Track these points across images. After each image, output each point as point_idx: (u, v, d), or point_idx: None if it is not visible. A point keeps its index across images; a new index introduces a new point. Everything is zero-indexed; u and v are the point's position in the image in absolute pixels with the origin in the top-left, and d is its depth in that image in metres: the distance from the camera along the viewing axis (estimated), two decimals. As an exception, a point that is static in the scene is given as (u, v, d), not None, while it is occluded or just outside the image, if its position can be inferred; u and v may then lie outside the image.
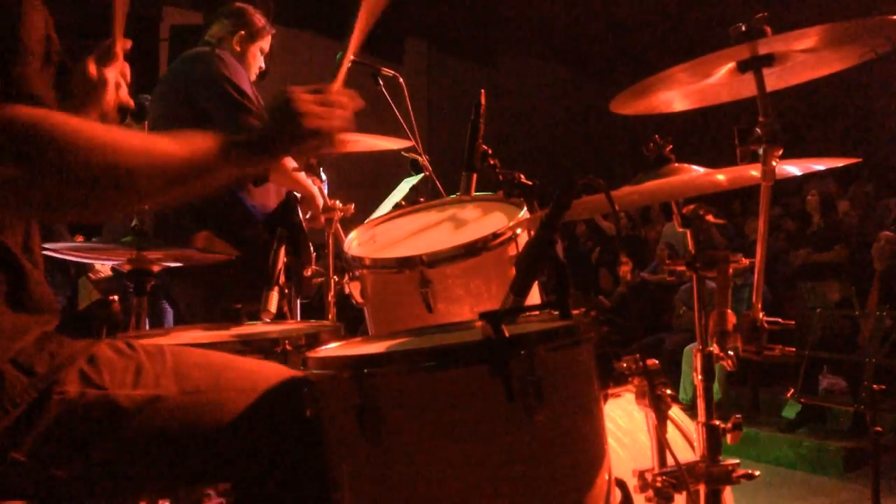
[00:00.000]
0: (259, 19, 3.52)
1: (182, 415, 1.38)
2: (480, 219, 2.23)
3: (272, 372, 1.51)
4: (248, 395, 1.43)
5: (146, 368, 1.39)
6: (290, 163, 3.19)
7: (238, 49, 3.44)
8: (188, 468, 1.41)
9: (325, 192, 2.90)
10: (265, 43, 3.57)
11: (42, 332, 1.34)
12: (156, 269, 2.59)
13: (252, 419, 1.43)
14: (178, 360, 1.44)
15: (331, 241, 2.59)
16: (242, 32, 3.46)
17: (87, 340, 1.42)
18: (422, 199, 2.93)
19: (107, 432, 1.32)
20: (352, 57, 1.62)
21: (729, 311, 1.60)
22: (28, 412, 1.27)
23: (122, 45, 1.62)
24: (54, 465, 1.29)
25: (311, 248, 2.86)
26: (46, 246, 1.97)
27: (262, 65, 3.59)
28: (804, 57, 1.56)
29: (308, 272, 2.58)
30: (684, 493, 1.53)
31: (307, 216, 3.25)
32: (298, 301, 3.12)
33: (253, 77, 3.53)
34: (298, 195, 3.36)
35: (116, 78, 1.62)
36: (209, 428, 1.39)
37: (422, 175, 3.43)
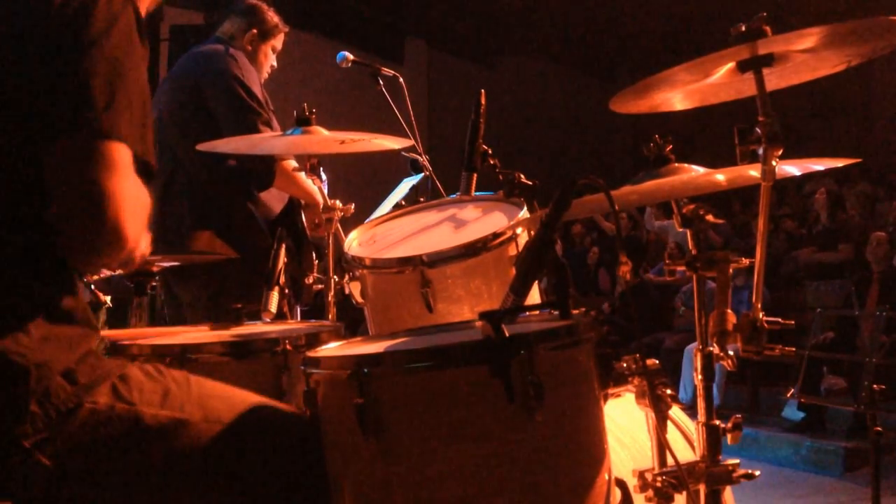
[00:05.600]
0: (272, 17, 3.47)
1: (202, 442, 1.40)
2: (480, 219, 2.23)
3: (289, 419, 1.54)
4: (264, 435, 1.47)
5: (173, 392, 1.42)
6: (291, 164, 3.19)
7: (249, 48, 3.41)
8: (201, 492, 1.43)
9: (326, 191, 2.90)
10: (277, 42, 3.53)
11: (88, 347, 1.38)
12: (155, 269, 2.58)
13: (265, 459, 1.45)
14: (203, 389, 1.47)
15: (331, 241, 2.59)
16: (254, 31, 3.42)
17: (120, 360, 1.47)
18: (422, 199, 2.93)
19: (130, 447, 1.35)
20: None
21: (729, 311, 1.60)
22: (61, 418, 1.29)
23: None
24: (76, 473, 1.31)
25: (314, 257, 2.85)
26: None
27: (274, 63, 3.57)
28: (804, 57, 1.56)
29: (309, 280, 2.58)
30: (684, 493, 1.53)
31: (313, 224, 3.24)
32: (298, 308, 3.12)
33: (264, 77, 3.50)
34: (303, 202, 3.35)
35: None
36: (225, 458, 1.42)
37: (422, 175, 3.43)
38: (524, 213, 2.12)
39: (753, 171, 1.57)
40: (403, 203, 3.23)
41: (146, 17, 1.46)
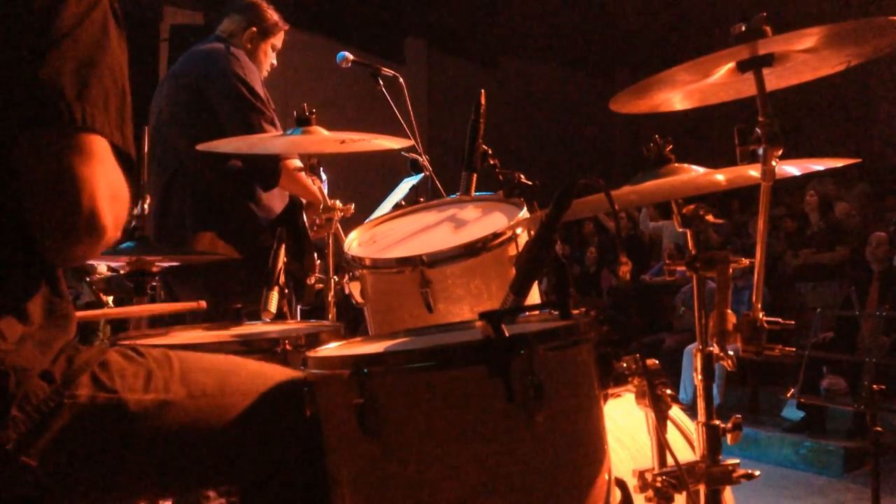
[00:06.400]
0: (271, 15, 3.48)
1: (190, 419, 1.39)
2: (480, 219, 2.23)
3: (275, 375, 1.53)
4: (252, 398, 1.46)
5: (155, 374, 1.41)
6: (295, 163, 3.19)
7: (249, 46, 3.41)
8: (195, 471, 1.43)
9: (326, 191, 2.91)
10: (277, 40, 3.53)
11: (66, 341, 1.37)
12: (155, 269, 2.58)
13: (256, 422, 1.45)
14: (185, 365, 1.46)
15: (331, 242, 2.59)
16: (254, 29, 3.42)
17: (100, 347, 1.45)
18: (422, 199, 2.93)
19: (116, 436, 1.34)
20: None
21: (729, 311, 1.60)
22: (43, 417, 1.28)
23: None
24: (64, 469, 1.30)
25: (316, 256, 2.85)
26: None
27: (274, 61, 3.57)
28: (804, 57, 1.56)
29: (311, 280, 2.58)
30: (684, 493, 1.53)
31: (314, 224, 3.24)
32: (299, 307, 3.12)
33: (264, 74, 3.50)
34: (304, 201, 3.35)
35: None
36: (215, 431, 1.42)
37: (422, 175, 3.43)
38: (524, 213, 2.12)
39: (753, 171, 1.57)
40: (403, 203, 3.23)
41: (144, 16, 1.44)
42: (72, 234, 1.28)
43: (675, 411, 1.85)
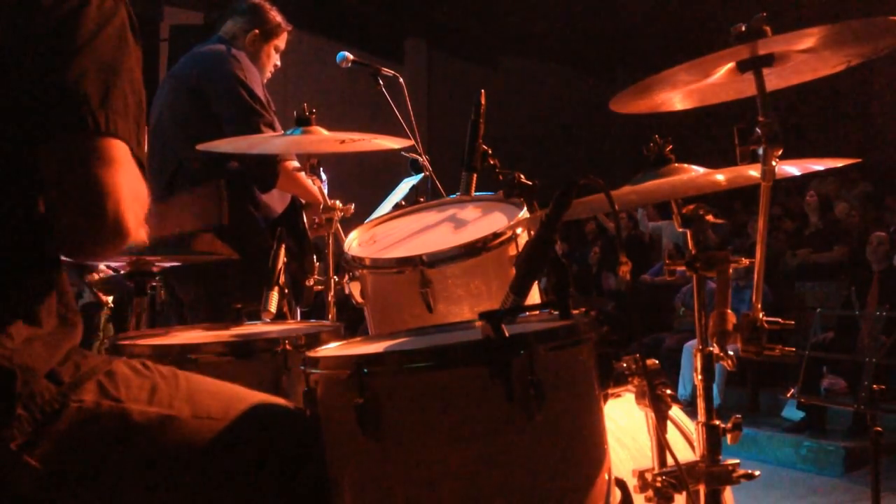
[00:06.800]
0: (274, 17, 3.47)
1: (191, 438, 1.40)
2: (480, 219, 2.23)
3: (279, 409, 1.54)
4: (255, 429, 1.47)
5: (161, 388, 1.41)
6: (293, 163, 3.19)
7: (251, 49, 3.41)
8: (194, 490, 1.42)
9: (325, 192, 2.91)
10: (280, 41, 3.52)
11: (72, 345, 1.37)
12: (155, 269, 2.58)
13: (257, 453, 1.45)
14: (192, 385, 1.46)
15: (331, 241, 2.59)
16: (256, 32, 3.41)
17: (106, 356, 1.46)
18: (422, 199, 2.93)
19: (117, 445, 1.35)
20: None
21: (729, 311, 1.60)
22: (47, 418, 1.29)
23: None
24: (65, 473, 1.31)
25: (315, 259, 2.86)
26: None
27: (277, 62, 3.57)
28: (804, 57, 1.56)
29: (310, 282, 2.58)
30: (684, 493, 1.53)
31: (314, 223, 3.25)
32: (299, 309, 3.12)
33: (268, 76, 3.50)
34: (304, 201, 3.35)
35: None
36: (214, 455, 1.42)
37: (422, 175, 3.43)
38: (524, 213, 2.12)
39: (753, 171, 1.57)
40: (403, 203, 3.23)
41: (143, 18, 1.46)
42: (97, 238, 1.30)
43: (675, 411, 1.85)
